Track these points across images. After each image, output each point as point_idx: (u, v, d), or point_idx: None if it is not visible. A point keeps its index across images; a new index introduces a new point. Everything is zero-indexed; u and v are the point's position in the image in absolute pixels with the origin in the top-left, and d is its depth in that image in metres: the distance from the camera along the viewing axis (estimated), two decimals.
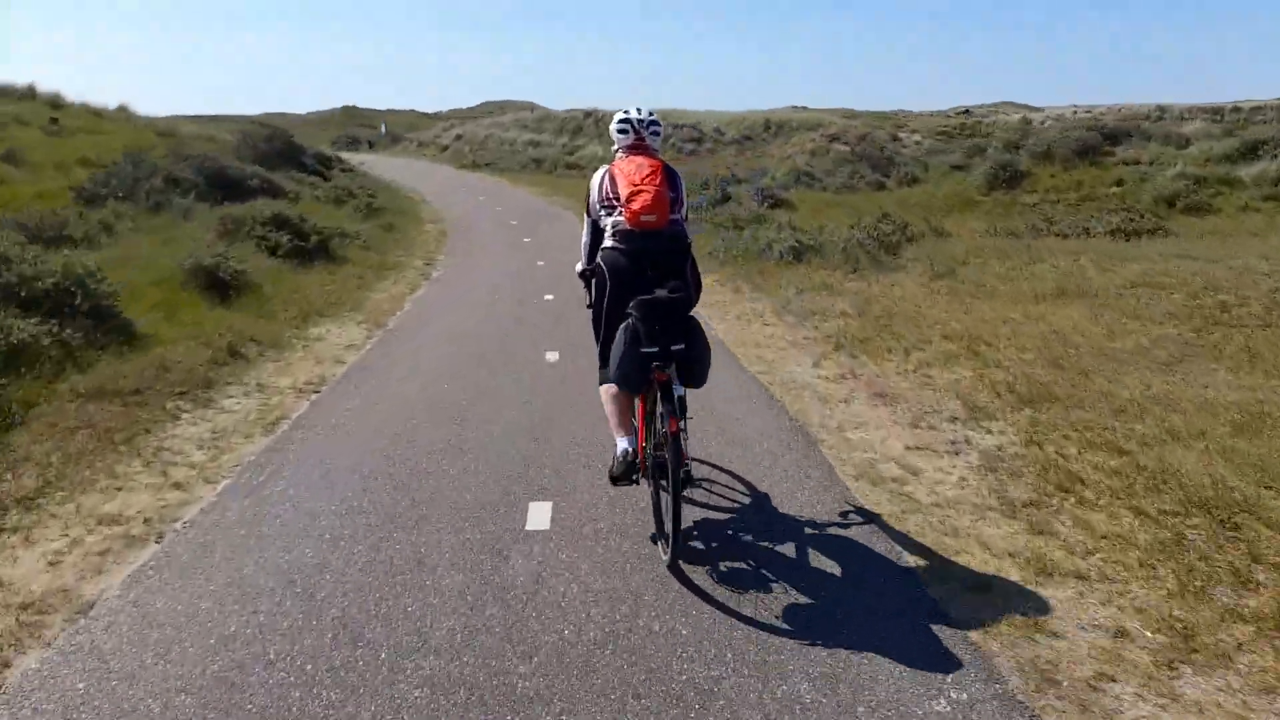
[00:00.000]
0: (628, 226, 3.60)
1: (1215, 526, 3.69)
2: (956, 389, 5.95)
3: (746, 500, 4.20)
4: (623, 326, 3.49)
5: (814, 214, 15.99)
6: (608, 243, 3.74)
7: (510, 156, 37.35)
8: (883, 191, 20.04)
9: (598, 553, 3.65)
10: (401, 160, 39.52)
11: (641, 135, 3.86)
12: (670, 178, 3.71)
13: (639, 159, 3.73)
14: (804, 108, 40.30)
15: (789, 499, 4.23)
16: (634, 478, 3.65)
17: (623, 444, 3.62)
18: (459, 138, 43.22)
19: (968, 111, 45.14)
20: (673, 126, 37.22)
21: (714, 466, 4.60)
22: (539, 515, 4.00)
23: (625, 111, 3.90)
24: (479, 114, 57.02)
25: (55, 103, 21.18)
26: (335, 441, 5.14)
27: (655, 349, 3.39)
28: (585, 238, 3.97)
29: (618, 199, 3.65)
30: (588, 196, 3.89)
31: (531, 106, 53.63)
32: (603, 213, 3.80)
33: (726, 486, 4.36)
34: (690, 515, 3.92)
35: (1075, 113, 30.93)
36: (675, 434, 3.28)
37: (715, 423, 5.35)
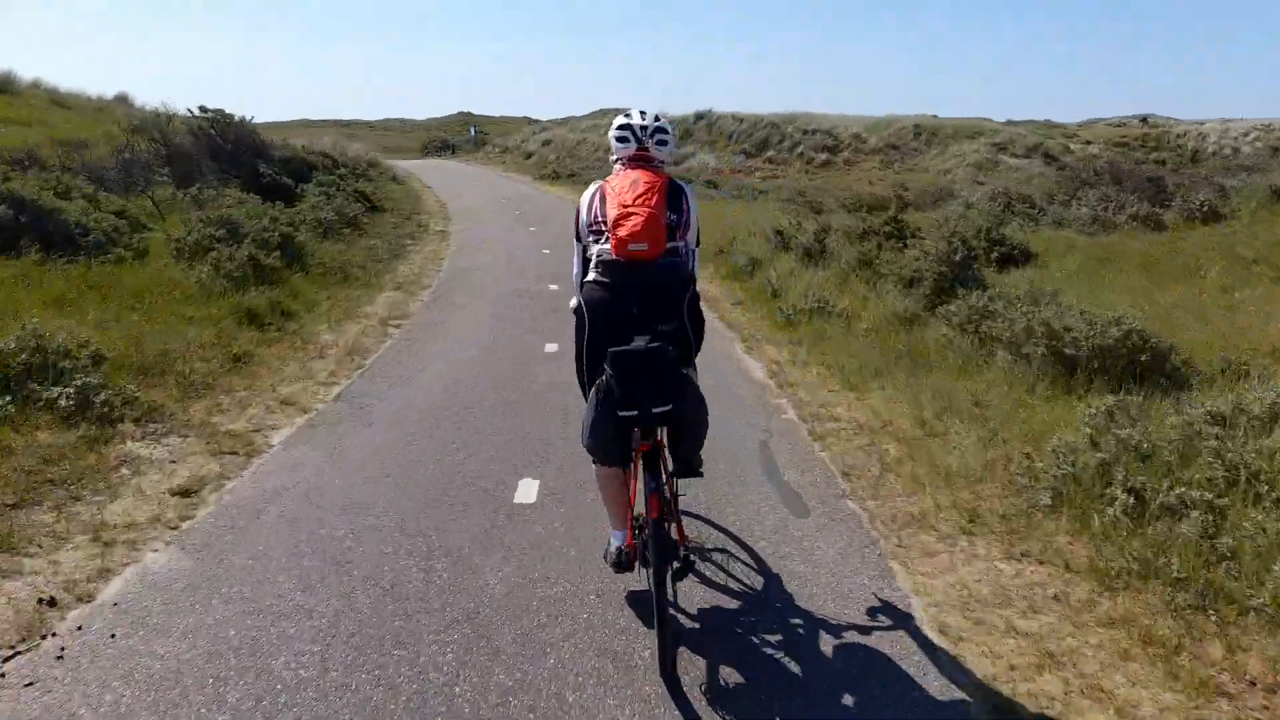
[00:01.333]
0: (613, 256, 2.97)
1: None
2: None
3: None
4: (595, 385, 2.94)
5: (1084, 281, 8.22)
6: (590, 275, 3.09)
7: (602, 167, 30.51)
8: (1161, 232, 11.87)
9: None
10: (469, 168, 33.76)
11: (645, 145, 3.23)
12: (673, 197, 3.11)
13: (635, 174, 3.08)
14: (933, 115, 32.34)
15: None
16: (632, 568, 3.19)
17: (615, 539, 3.18)
18: (547, 143, 36.82)
19: (1145, 120, 38.75)
20: (802, 132, 29.34)
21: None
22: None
23: (626, 115, 3.29)
24: (584, 120, 51.01)
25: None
26: None
27: (634, 412, 2.82)
28: (575, 268, 3.28)
29: (605, 223, 3.02)
30: (576, 219, 3.24)
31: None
32: (591, 239, 3.14)
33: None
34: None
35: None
36: (658, 520, 2.80)
37: None
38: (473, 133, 48.61)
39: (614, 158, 3.28)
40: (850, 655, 2.95)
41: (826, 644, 3.01)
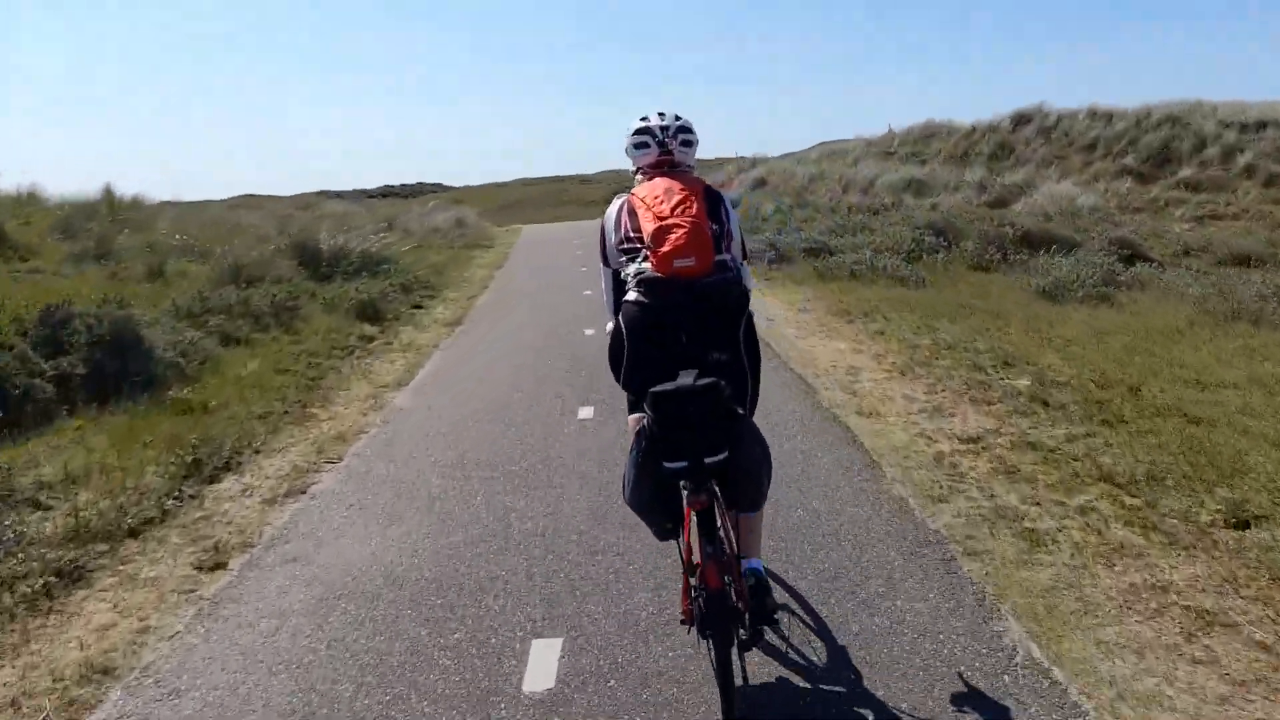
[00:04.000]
0: (656, 274, 2.63)
1: None
2: None
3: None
4: (637, 431, 2.55)
5: None
6: (630, 295, 2.72)
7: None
8: None
9: None
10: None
11: (668, 148, 2.95)
12: (712, 204, 2.79)
13: (666, 181, 2.78)
14: None
15: None
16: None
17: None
18: (761, 184, 26.61)
19: None
20: (1232, 129, 16.64)
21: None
22: None
23: (643, 119, 3.00)
24: (811, 151, 40.10)
25: None
26: None
27: (683, 463, 2.42)
28: (606, 293, 3.09)
29: (641, 238, 2.72)
30: (602, 241, 3.00)
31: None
32: (624, 259, 2.82)
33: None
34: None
35: None
36: (719, 591, 2.38)
37: None
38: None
39: (633, 169, 3.03)
40: None
41: None
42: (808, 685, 2.71)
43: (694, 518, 2.45)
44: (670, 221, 2.59)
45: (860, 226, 14.29)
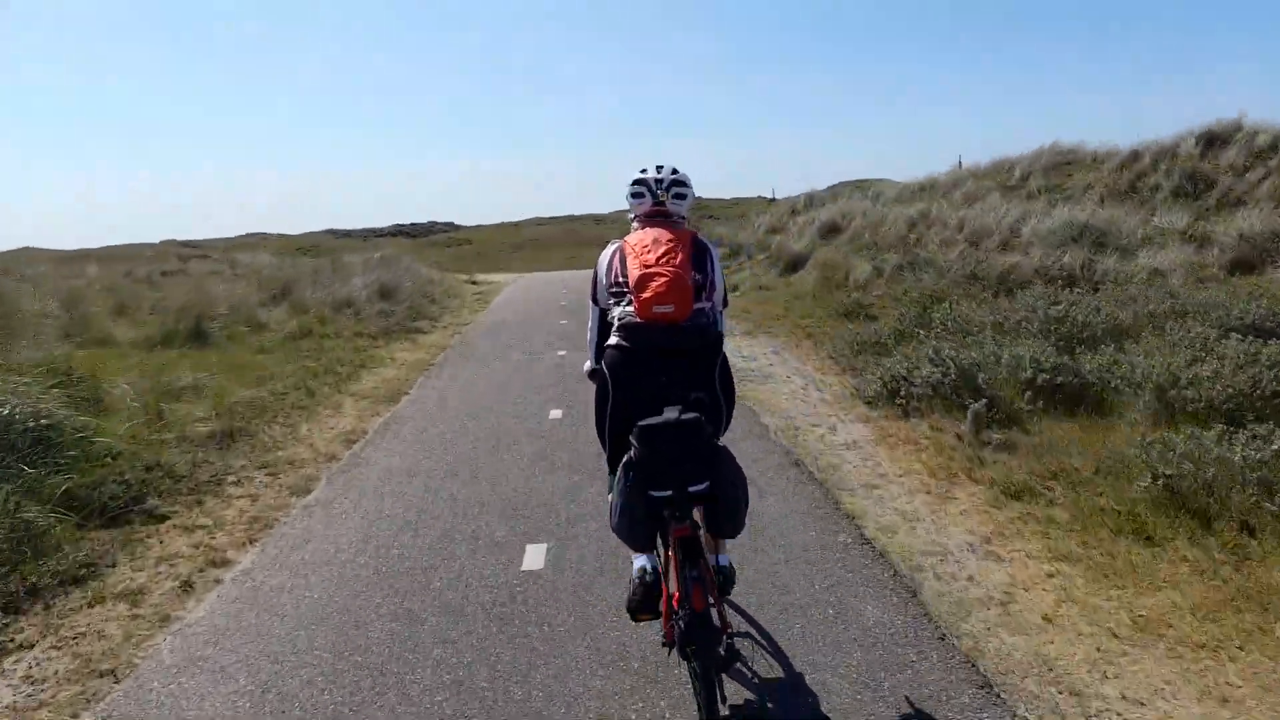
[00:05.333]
0: (636, 319, 2.84)
1: None
2: None
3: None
4: (623, 463, 2.71)
5: None
6: (612, 339, 2.94)
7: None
8: None
9: None
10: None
11: (661, 200, 3.17)
12: (698, 255, 2.98)
13: (656, 231, 2.98)
14: None
15: None
16: (658, 609, 2.82)
17: (639, 561, 2.85)
18: (833, 231, 19.96)
19: None
20: None
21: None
22: None
23: (642, 170, 3.23)
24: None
25: None
26: None
27: (667, 492, 2.62)
28: (591, 332, 3.26)
29: (627, 284, 2.89)
30: (594, 281, 3.19)
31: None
32: (612, 301, 3.04)
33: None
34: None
35: None
36: (702, 612, 2.52)
37: None
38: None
39: (631, 215, 3.22)
40: None
41: None
42: None
43: (678, 545, 2.61)
44: (654, 270, 2.79)
45: (1108, 332, 7.49)
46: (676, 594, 2.67)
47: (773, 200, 42.30)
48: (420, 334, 11.94)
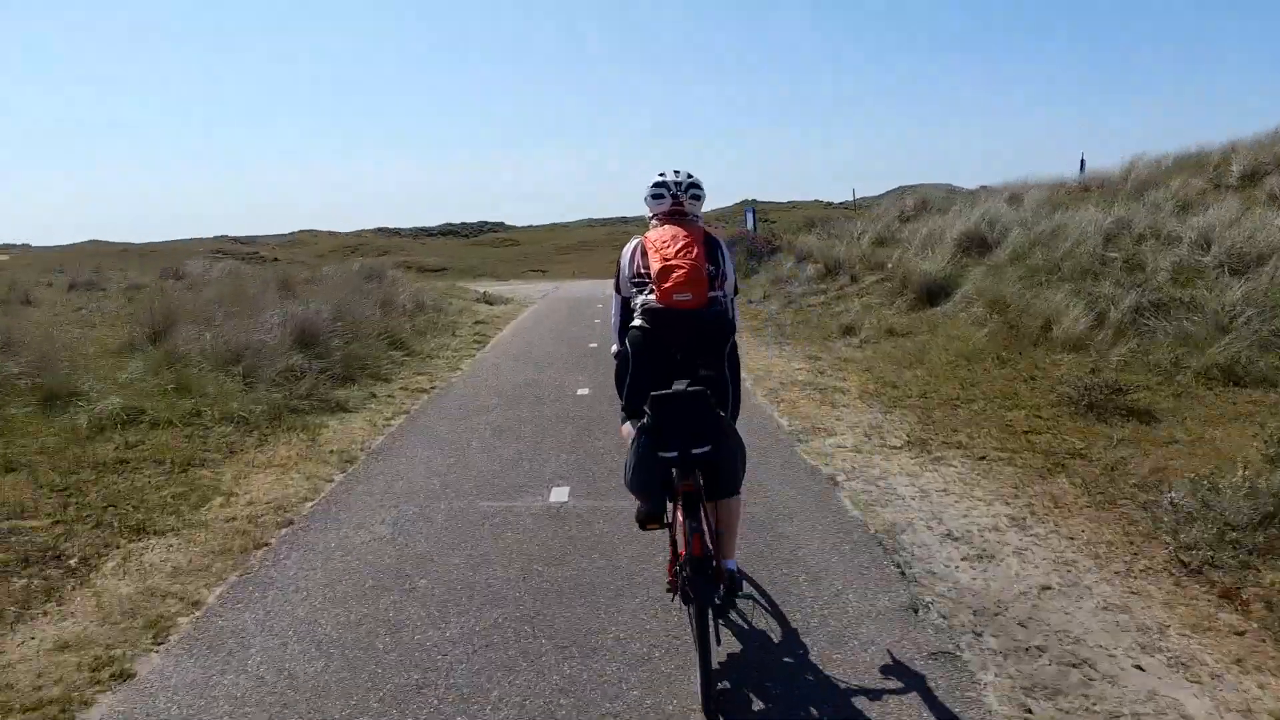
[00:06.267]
0: (658, 305, 3.18)
1: None
2: None
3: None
4: (638, 427, 3.02)
5: None
6: (636, 322, 3.28)
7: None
8: None
9: None
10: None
11: (680, 200, 3.47)
12: (710, 249, 3.31)
13: (674, 228, 3.32)
14: None
15: None
16: (663, 521, 3.29)
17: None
18: (972, 247, 14.65)
19: None
20: None
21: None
22: None
23: (661, 174, 3.52)
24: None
25: None
26: None
27: (674, 453, 2.92)
28: (615, 318, 3.56)
29: (649, 275, 3.23)
30: (617, 272, 3.49)
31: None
32: (634, 290, 3.38)
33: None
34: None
35: None
36: (701, 556, 2.85)
37: None
38: (750, 221, 27.36)
39: (650, 215, 3.50)
40: None
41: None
42: None
43: (682, 499, 2.96)
44: (674, 262, 3.13)
45: None
46: (682, 551, 2.99)
47: (856, 204, 36.95)
48: (341, 415, 7.01)
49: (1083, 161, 23.53)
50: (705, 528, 2.93)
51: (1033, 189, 17.27)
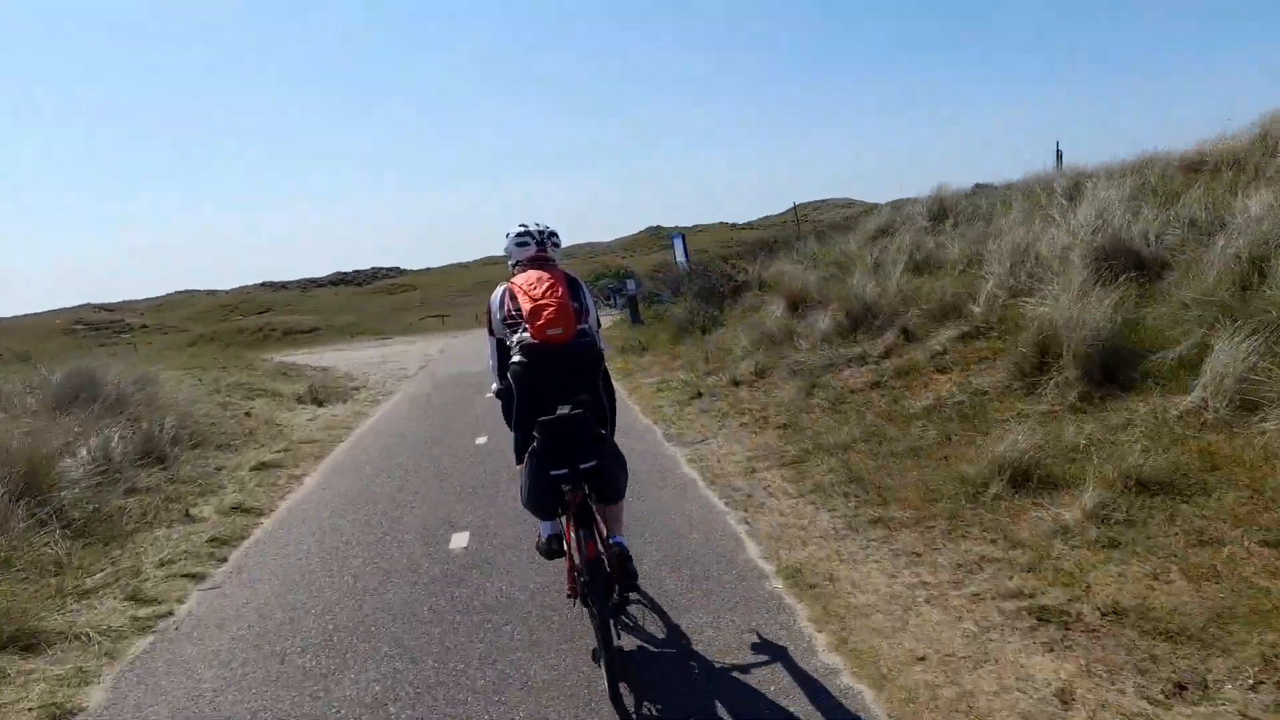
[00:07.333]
0: (533, 341, 3.40)
1: None
2: None
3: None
4: (529, 451, 3.32)
5: None
6: (515, 358, 3.48)
7: None
8: None
9: None
10: None
11: (544, 247, 3.78)
12: (573, 288, 3.59)
13: (538, 272, 3.57)
14: None
15: None
16: (563, 553, 3.59)
17: (545, 529, 3.64)
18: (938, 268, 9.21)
19: None
20: None
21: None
22: None
23: (522, 224, 3.85)
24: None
25: None
26: None
27: (564, 470, 3.24)
28: (491, 358, 3.88)
29: (521, 315, 3.47)
30: (489, 316, 3.79)
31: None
32: (508, 330, 3.61)
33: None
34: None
35: None
36: (594, 559, 3.15)
37: None
38: (679, 251, 22.09)
39: (512, 261, 3.75)
40: None
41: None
42: None
43: (574, 512, 3.25)
44: (542, 302, 3.36)
45: None
46: (578, 561, 3.25)
47: (798, 218, 31.55)
48: None
49: (1059, 153, 18.73)
50: (597, 535, 3.26)
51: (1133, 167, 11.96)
